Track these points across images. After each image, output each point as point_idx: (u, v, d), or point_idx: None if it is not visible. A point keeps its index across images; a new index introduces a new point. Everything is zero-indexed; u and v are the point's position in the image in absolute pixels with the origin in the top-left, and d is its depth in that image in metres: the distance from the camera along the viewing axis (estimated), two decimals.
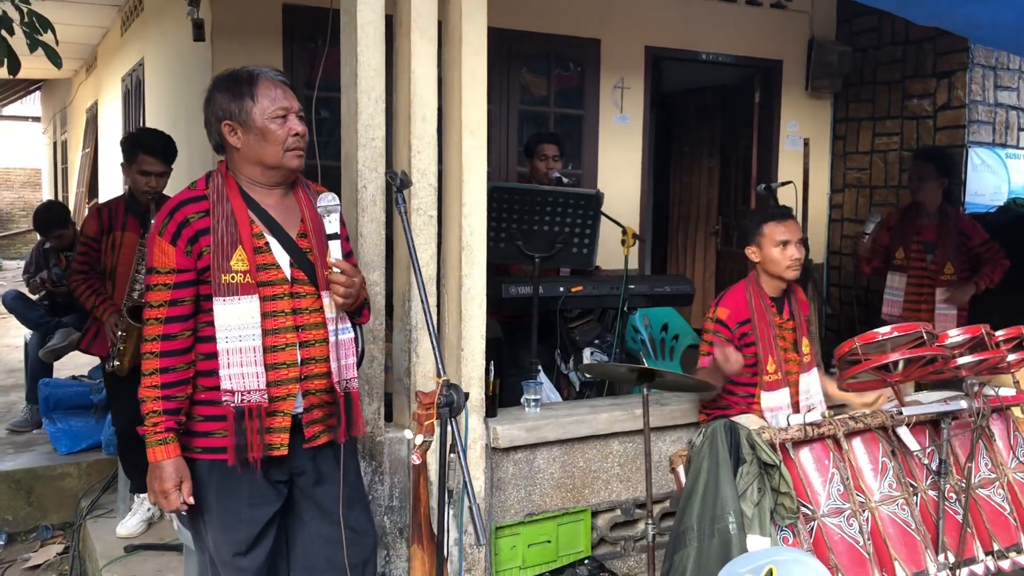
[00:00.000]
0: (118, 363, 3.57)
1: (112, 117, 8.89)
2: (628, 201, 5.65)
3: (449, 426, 2.17)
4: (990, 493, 3.22)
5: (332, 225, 2.26)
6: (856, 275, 5.97)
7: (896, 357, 3.05)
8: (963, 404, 3.10)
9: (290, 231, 2.28)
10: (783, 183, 4.53)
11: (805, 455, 2.97)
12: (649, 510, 3.03)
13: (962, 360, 3.09)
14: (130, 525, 3.87)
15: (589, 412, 3.50)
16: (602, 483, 3.53)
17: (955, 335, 3.14)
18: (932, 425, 3.18)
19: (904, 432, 3.07)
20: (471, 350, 3.15)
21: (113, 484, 4.32)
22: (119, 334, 3.55)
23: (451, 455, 2.17)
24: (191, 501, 2.21)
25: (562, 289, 3.92)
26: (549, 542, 3.41)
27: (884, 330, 3.08)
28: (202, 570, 2.39)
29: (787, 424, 3.03)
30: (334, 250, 2.25)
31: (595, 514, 3.53)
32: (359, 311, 2.41)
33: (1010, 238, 4.76)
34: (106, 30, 8.91)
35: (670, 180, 7.64)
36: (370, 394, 3.01)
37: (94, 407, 5.14)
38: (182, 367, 2.20)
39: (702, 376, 3.21)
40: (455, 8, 3.10)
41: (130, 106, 7.76)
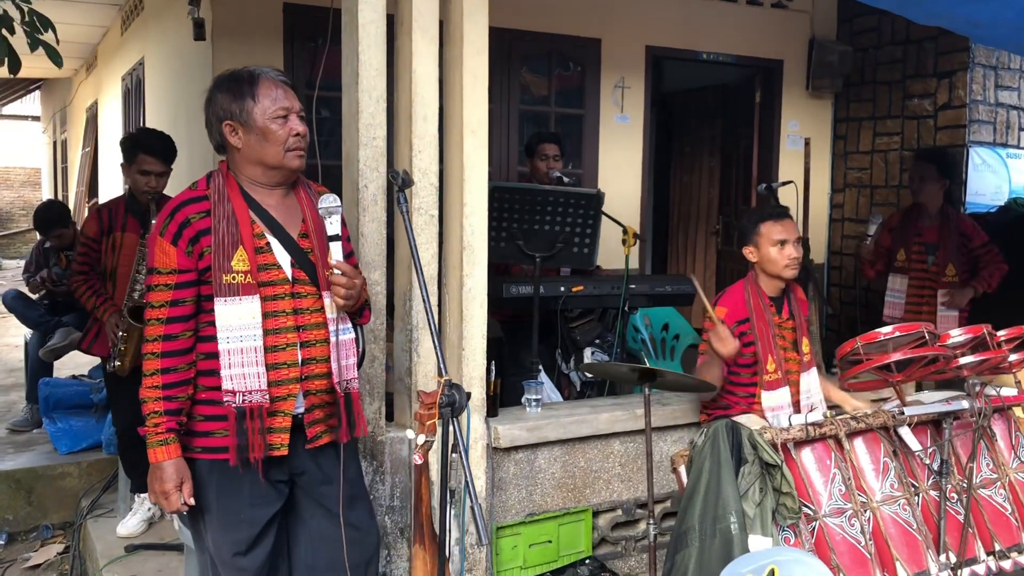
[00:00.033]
0: (119, 363, 3.57)
1: (112, 116, 8.89)
2: (629, 201, 5.65)
3: (451, 426, 2.17)
4: (991, 493, 3.22)
5: (333, 227, 2.25)
6: (857, 275, 5.97)
7: (898, 357, 3.05)
8: (965, 404, 3.10)
9: (291, 231, 2.28)
10: (784, 183, 4.52)
11: (807, 455, 2.97)
12: (650, 510, 3.03)
13: (964, 360, 3.10)
14: (130, 525, 3.87)
15: (590, 412, 3.50)
16: (603, 483, 3.53)
17: (957, 335, 3.14)
18: (934, 425, 3.18)
19: (906, 432, 3.07)
20: (472, 350, 3.15)
21: (113, 484, 4.32)
22: (120, 335, 3.55)
23: (453, 455, 2.16)
24: (192, 502, 2.21)
25: (563, 289, 3.92)
26: (550, 542, 3.41)
27: (886, 330, 3.08)
28: (202, 570, 2.39)
29: (788, 424, 3.03)
30: (335, 251, 2.25)
31: (596, 514, 3.53)
32: (360, 312, 2.41)
33: (1010, 238, 4.76)
34: (106, 29, 8.91)
35: (670, 180, 7.63)
36: (371, 394, 3.01)
37: (94, 407, 5.14)
38: (183, 367, 2.19)
39: (701, 368, 3.21)
40: (456, 8, 3.10)
41: (130, 105, 7.75)
